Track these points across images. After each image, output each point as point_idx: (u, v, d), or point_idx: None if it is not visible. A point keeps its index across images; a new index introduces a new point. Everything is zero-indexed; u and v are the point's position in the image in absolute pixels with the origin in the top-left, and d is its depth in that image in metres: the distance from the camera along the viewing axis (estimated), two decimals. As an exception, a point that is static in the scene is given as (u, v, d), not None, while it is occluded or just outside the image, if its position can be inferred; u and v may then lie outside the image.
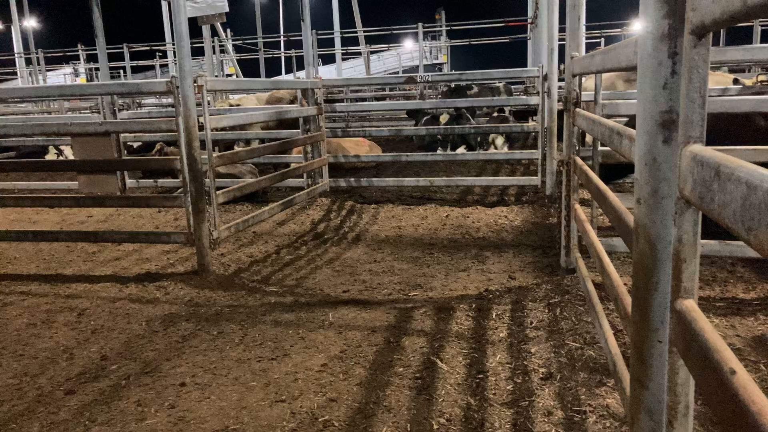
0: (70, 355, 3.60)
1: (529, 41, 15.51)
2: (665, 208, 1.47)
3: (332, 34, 19.03)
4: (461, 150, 10.50)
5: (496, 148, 10.47)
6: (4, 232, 6.17)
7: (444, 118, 10.94)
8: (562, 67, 7.01)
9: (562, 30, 5.80)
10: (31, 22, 26.19)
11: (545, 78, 7.24)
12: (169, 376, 3.27)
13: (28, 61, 22.13)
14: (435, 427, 2.68)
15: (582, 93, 4.30)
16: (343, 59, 21.82)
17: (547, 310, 3.96)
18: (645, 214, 1.54)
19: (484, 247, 5.60)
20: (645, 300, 1.58)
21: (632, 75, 7.82)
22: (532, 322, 3.78)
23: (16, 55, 23.00)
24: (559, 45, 6.85)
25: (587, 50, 4.30)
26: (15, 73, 23.26)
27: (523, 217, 6.66)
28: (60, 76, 24.11)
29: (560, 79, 6.84)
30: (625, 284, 2.52)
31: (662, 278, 1.52)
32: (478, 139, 10.62)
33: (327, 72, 17.58)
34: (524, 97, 8.86)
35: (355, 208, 7.38)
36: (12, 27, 23.92)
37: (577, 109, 4.19)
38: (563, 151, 4.50)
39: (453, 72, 13.32)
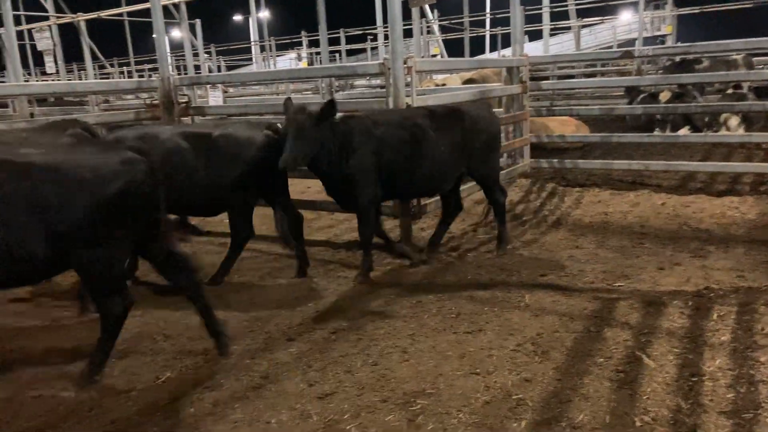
0: (291, 308, 4.09)
1: (779, 4, 13.18)
2: None
3: (540, 9, 18.18)
4: (684, 131, 9.40)
5: (728, 129, 9.13)
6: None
7: (665, 95, 9.87)
8: (825, 33, 5.86)
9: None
10: (265, 13, 29.62)
11: (800, 47, 6.13)
12: (372, 337, 3.54)
13: (262, 48, 25.02)
14: (638, 423, 2.51)
15: None
16: (551, 35, 20.79)
17: (783, 317, 3.43)
18: None
19: (706, 241, 5.00)
20: None
21: None
22: (763, 328, 3.31)
23: (252, 43, 26.13)
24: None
25: None
26: (251, 59, 26.51)
27: (759, 209, 5.78)
28: (286, 61, 26.91)
29: (821, 48, 5.75)
30: None
31: None
32: (706, 119, 9.38)
33: (533, 49, 16.85)
34: (768, 70, 7.57)
35: (557, 190, 7.08)
36: (249, 18, 27.21)
37: None
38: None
39: (679, 44, 11.91)
